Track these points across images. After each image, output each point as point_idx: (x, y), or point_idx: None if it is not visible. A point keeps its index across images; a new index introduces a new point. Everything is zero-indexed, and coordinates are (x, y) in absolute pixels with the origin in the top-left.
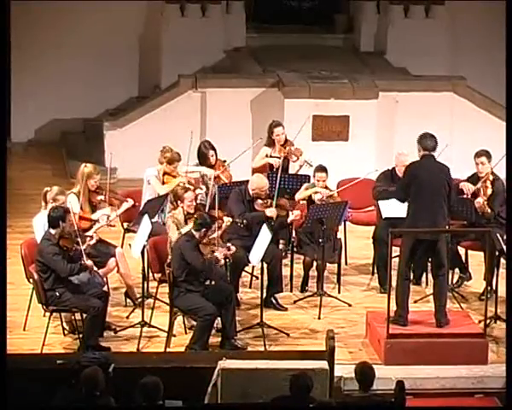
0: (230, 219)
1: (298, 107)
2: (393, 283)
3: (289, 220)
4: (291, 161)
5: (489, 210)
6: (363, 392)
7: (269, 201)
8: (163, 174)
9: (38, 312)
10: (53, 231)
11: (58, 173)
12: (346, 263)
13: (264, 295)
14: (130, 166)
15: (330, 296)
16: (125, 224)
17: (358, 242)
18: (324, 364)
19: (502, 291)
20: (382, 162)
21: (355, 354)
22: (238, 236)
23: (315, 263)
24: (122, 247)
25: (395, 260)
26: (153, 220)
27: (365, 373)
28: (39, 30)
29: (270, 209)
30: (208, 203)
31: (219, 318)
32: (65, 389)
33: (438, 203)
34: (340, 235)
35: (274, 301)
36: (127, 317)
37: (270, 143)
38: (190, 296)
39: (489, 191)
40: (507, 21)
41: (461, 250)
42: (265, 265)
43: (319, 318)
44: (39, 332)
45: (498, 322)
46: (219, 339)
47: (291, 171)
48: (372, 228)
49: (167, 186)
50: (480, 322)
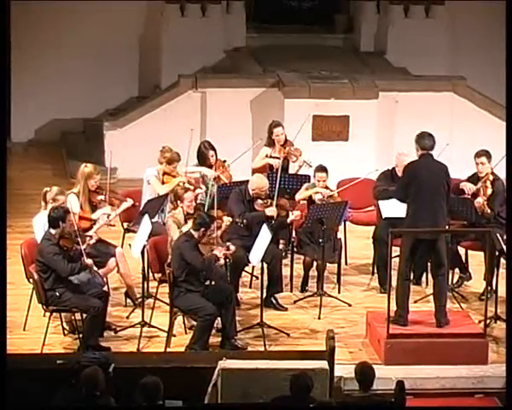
0: (230, 218)
1: (298, 107)
2: (393, 283)
3: (289, 220)
4: (291, 162)
5: (489, 210)
6: (363, 392)
7: (269, 201)
8: (163, 174)
9: (38, 312)
10: (53, 231)
11: (58, 173)
12: (346, 263)
13: (264, 295)
14: (130, 166)
15: (330, 296)
16: (125, 224)
17: (358, 242)
18: (324, 364)
19: (502, 291)
20: (382, 162)
21: (355, 354)
22: (238, 236)
23: (315, 263)
24: (122, 247)
25: (395, 260)
26: (153, 220)
27: (365, 373)
28: (39, 30)
29: (270, 209)
30: (208, 203)
31: (219, 318)
32: (65, 389)
33: (437, 203)
34: (340, 235)
35: (274, 301)
36: (127, 317)
37: (270, 144)
38: (190, 296)
39: (489, 191)
40: (507, 21)
41: (461, 250)
42: (265, 265)
43: (319, 318)
44: (39, 332)
45: (498, 322)
46: (219, 339)
47: (291, 171)
48: (372, 228)
49: (167, 186)
50: (480, 322)
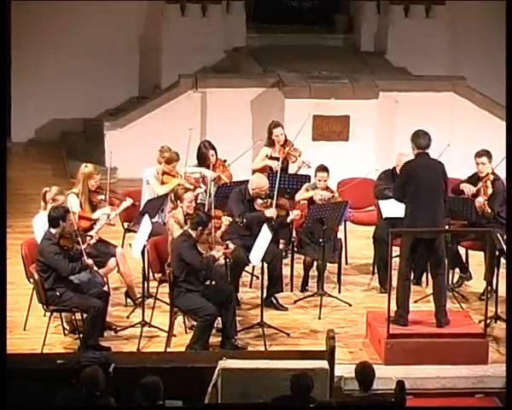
0: (230, 218)
1: (298, 107)
2: (394, 283)
3: (289, 220)
4: (290, 162)
5: (489, 210)
6: (363, 392)
7: (269, 200)
8: (162, 174)
9: (39, 312)
10: (53, 231)
11: (58, 173)
12: (347, 263)
13: (264, 294)
14: (130, 165)
15: (330, 296)
16: (126, 224)
17: (359, 242)
18: (324, 364)
19: (502, 291)
20: (382, 162)
21: (355, 354)
22: (238, 235)
23: (315, 263)
24: (122, 247)
25: (395, 260)
26: (153, 220)
27: (365, 373)
28: (39, 30)
29: (269, 210)
30: (208, 203)
31: (220, 318)
32: (65, 389)
33: (436, 201)
34: (341, 235)
35: (274, 300)
36: (127, 317)
37: (269, 144)
38: (191, 296)
39: (489, 191)
40: (507, 21)
41: (461, 250)
42: (266, 265)
43: (319, 318)
44: (39, 332)
45: (499, 322)
46: (220, 339)
47: (291, 171)
48: (372, 228)
49: (166, 187)
50: (481, 322)
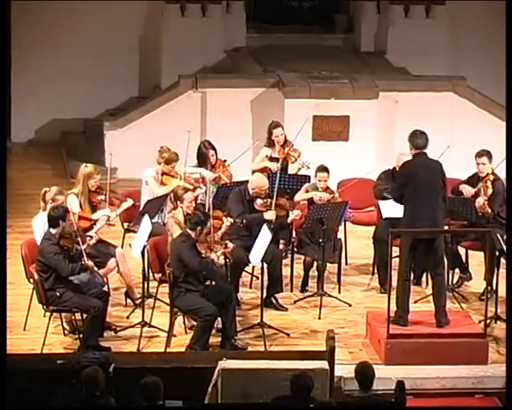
0: (230, 219)
1: (298, 107)
2: (394, 283)
3: (289, 220)
4: (290, 163)
5: (489, 210)
6: (363, 392)
7: (268, 200)
8: (161, 174)
9: (39, 312)
10: (53, 231)
11: (58, 173)
12: (347, 263)
13: (264, 295)
14: (130, 166)
15: (330, 296)
16: (126, 224)
17: (359, 242)
18: (324, 364)
19: (502, 291)
20: (382, 162)
21: (355, 354)
22: (238, 236)
23: (315, 263)
24: (122, 247)
25: (395, 260)
26: (153, 221)
27: (365, 373)
28: (39, 30)
29: (268, 213)
30: (208, 203)
31: (220, 318)
32: (65, 389)
33: (435, 201)
34: (341, 235)
35: (274, 301)
36: (127, 317)
37: (269, 144)
38: (190, 297)
39: (489, 191)
40: (507, 21)
41: (461, 250)
42: (266, 265)
43: (319, 318)
44: (39, 332)
45: (499, 322)
46: (219, 339)
47: (290, 172)
48: (372, 228)
49: (165, 188)
50: (481, 322)
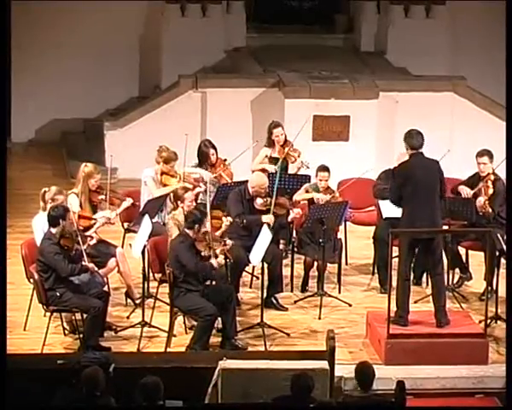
0: (231, 219)
1: (298, 107)
2: (394, 283)
3: (290, 219)
4: (290, 163)
5: (490, 210)
6: (363, 392)
7: (268, 199)
8: (161, 174)
9: (39, 312)
10: (53, 231)
11: (58, 173)
12: (347, 263)
13: (264, 295)
14: (130, 166)
15: (331, 296)
16: (126, 224)
17: (359, 242)
18: (325, 364)
19: (502, 291)
20: (382, 162)
21: (355, 354)
22: (238, 236)
23: (315, 263)
24: (122, 247)
25: (395, 260)
26: (153, 220)
27: (365, 373)
28: (39, 30)
29: (266, 216)
30: (209, 203)
31: (220, 318)
32: (65, 389)
33: (433, 201)
34: (341, 235)
35: (274, 301)
36: (127, 317)
37: (269, 144)
38: (191, 297)
39: (490, 191)
40: (507, 21)
41: (461, 250)
42: (266, 265)
43: (319, 318)
44: (40, 332)
45: (499, 322)
46: (220, 339)
47: (290, 172)
48: (372, 228)
49: (163, 189)
50: (481, 322)
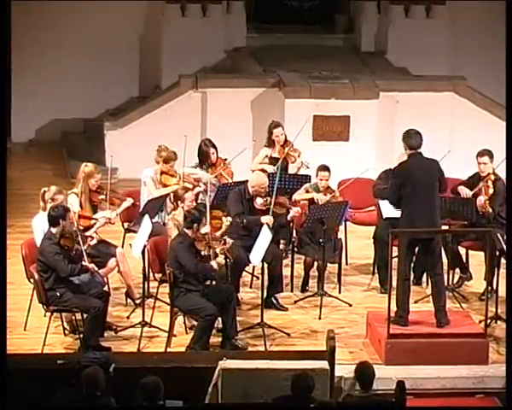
0: (231, 219)
1: (298, 107)
2: (394, 283)
3: (289, 217)
4: (290, 163)
5: (490, 210)
6: (363, 392)
7: (268, 199)
8: (160, 174)
9: (39, 312)
10: (54, 230)
11: (58, 173)
12: (347, 263)
13: (264, 295)
14: (130, 166)
15: (331, 296)
16: (126, 224)
17: (359, 242)
18: (325, 364)
19: (502, 291)
20: (383, 162)
21: (355, 354)
22: (238, 236)
23: (315, 263)
24: (123, 247)
25: (396, 260)
26: (153, 220)
27: (365, 373)
28: (39, 30)
29: (265, 217)
30: (208, 203)
31: (220, 318)
32: (65, 389)
33: (433, 201)
34: (341, 235)
35: (274, 301)
36: (128, 317)
37: (269, 144)
38: (191, 297)
39: (490, 191)
40: (507, 21)
41: (461, 250)
42: (266, 265)
43: (320, 318)
44: (40, 332)
45: (499, 322)
46: (220, 339)
47: (290, 172)
48: (373, 228)
49: (162, 190)
50: (481, 322)
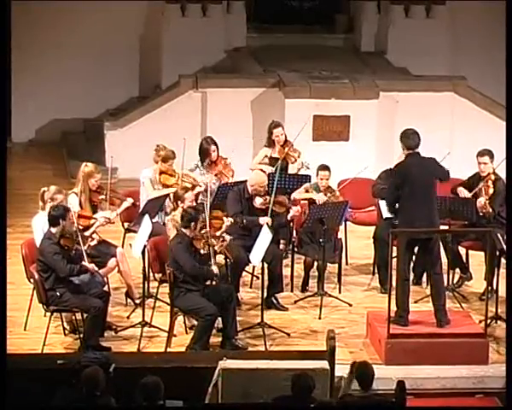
0: (231, 219)
1: (298, 107)
2: (394, 283)
3: (289, 217)
4: (290, 163)
5: (490, 210)
6: (363, 392)
7: (268, 198)
8: (159, 173)
9: (39, 312)
10: (54, 230)
11: (59, 173)
12: (347, 263)
13: (264, 295)
14: (130, 166)
15: (331, 296)
16: (126, 224)
17: (359, 242)
18: (325, 364)
19: (502, 291)
20: (382, 162)
21: (356, 354)
22: (238, 235)
23: (315, 263)
24: (123, 247)
25: (396, 260)
26: (153, 220)
27: (364, 373)
28: (39, 30)
29: (263, 218)
30: (209, 203)
31: (220, 318)
32: (65, 389)
33: (431, 200)
34: (341, 235)
35: (275, 301)
36: (128, 317)
37: (270, 144)
38: (191, 296)
39: (491, 191)
40: (507, 21)
41: (461, 250)
42: (266, 265)
43: (320, 318)
44: (40, 332)
45: (499, 322)
46: (220, 339)
47: (290, 172)
48: (373, 228)
49: (161, 191)
50: (481, 322)
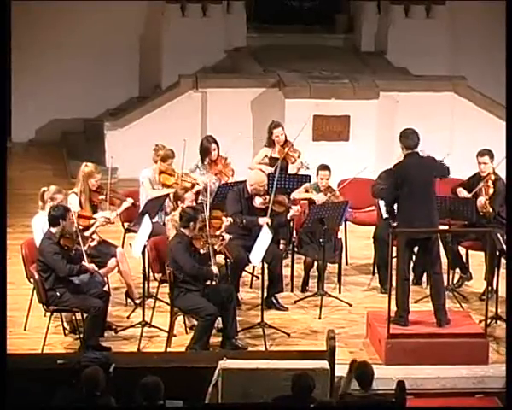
0: (230, 219)
1: (298, 107)
2: (394, 283)
3: (289, 216)
4: (290, 163)
5: (490, 210)
6: (363, 392)
7: (267, 197)
8: (159, 173)
9: (39, 312)
10: (54, 230)
11: (59, 173)
12: (347, 263)
13: (264, 294)
14: (130, 166)
15: (331, 296)
16: (126, 224)
17: (359, 242)
18: (325, 364)
19: (502, 291)
20: (382, 162)
21: (356, 354)
22: (238, 235)
23: (315, 263)
24: (123, 247)
25: (395, 259)
26: (153, 220)
27: (364, 372)
28: (39, 30)
29: (263, 219)
30: (209, 203)
31: (220, 318)
32: (65, 389)
33: (430, 200)
34: (341, 235)
35: (275, 301)
36: (128, 317)
37: (269, 144)
38: (191, 296)
39: (491, 191)
40: (507, 21)
41: (461, 250)
42: (266, 265)
43: (320, 318)
44: (40, 332)
45: (499, 322)
46: (220, 339)
47: (290, 172)
48: (373, 228)
49: (160, 191)
50: (481, 322)
